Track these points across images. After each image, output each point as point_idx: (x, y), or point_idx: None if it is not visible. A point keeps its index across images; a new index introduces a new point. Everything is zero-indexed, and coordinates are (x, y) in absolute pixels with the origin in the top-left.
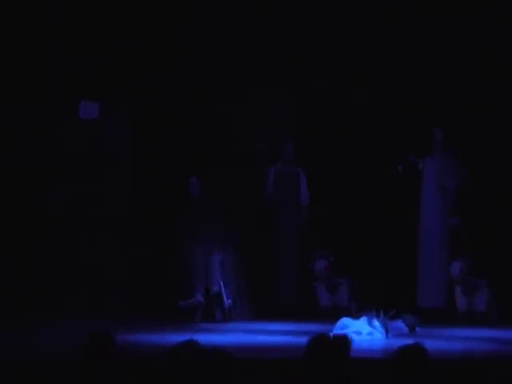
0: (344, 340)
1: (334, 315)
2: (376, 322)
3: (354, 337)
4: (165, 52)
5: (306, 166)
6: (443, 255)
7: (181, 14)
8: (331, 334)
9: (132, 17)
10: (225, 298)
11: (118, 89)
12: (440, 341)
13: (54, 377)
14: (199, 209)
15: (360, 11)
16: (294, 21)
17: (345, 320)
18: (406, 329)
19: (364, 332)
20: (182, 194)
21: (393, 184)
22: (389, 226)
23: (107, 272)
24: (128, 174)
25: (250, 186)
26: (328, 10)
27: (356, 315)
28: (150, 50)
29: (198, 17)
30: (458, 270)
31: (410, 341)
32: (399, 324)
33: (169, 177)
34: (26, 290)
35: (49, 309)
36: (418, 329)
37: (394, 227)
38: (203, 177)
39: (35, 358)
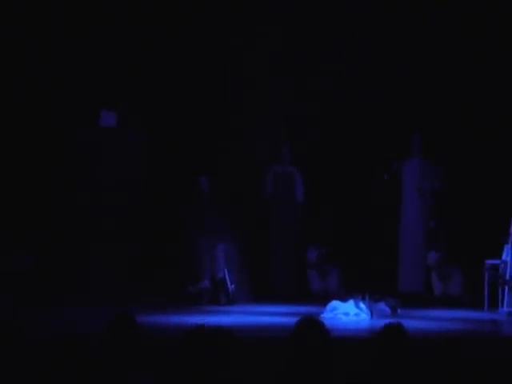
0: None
1: (325, 298)
2: (362, 305)
3: (343, 317)
4: (168, 60)
5: (300, 166)
6: (421, 246)
7: (186, 24)
8: (321, 316)
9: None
10: (228, 284)
11: (133, 100)
12: (418, 321)
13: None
14: (206, 205)
15: (343, 25)
16: (294, 23)
17: (334, 303)
18: (388, 310)
19: (351, 313)
20: (189, 192)
21: (378, 186)
22: (374, 222)
23: (123, 261)
24: (143, 173)
25: (251, 185)
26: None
27: (344, 298)
28: (156, 62)
29: (200, 22)
30: (433, 259)
31: (392, 321)
32: (382, 306)
33: (177, 176)
34: (49, 278)
35: (66, 296)
36: (399, 310)
37: (379, 222)
38: (210, 177)
39: (61, 338)
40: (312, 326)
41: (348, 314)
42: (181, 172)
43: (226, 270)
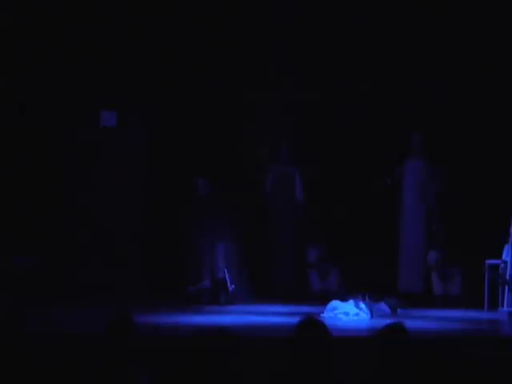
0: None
1: (325, 298)
2: (362, 305)
3: (343, 317)
4: (167, 58)
5: (300, 166)
6: (421, 246)
7: (180, 22)
8: (321, 316)
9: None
10: (228, 284)
11: (133, 101)
12: (418, 321)
13: (77, 355)
14: (206, 206)
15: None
16: (295, 25)
17: (334, 302)
18: (388, 310)
19: (351, 313)
20: (189, 192)
21: (379, 186)
22: (374, 221)
23: (123, 262)
24: (142, 174)
25: (251, 185)
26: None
27: (344, 298)
28: (155, 60)
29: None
30: (433, 259)
31: (392, 321)
32: (382, 306)
33: (178, 176)
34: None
35: (66, 295)
36: (398, 310)
37: (379, 222)
38: (210, 176)
39: (60, 338)
40: (312, 326)
41: (348, 313)
42: (181, 172)
43: (226, 270)
